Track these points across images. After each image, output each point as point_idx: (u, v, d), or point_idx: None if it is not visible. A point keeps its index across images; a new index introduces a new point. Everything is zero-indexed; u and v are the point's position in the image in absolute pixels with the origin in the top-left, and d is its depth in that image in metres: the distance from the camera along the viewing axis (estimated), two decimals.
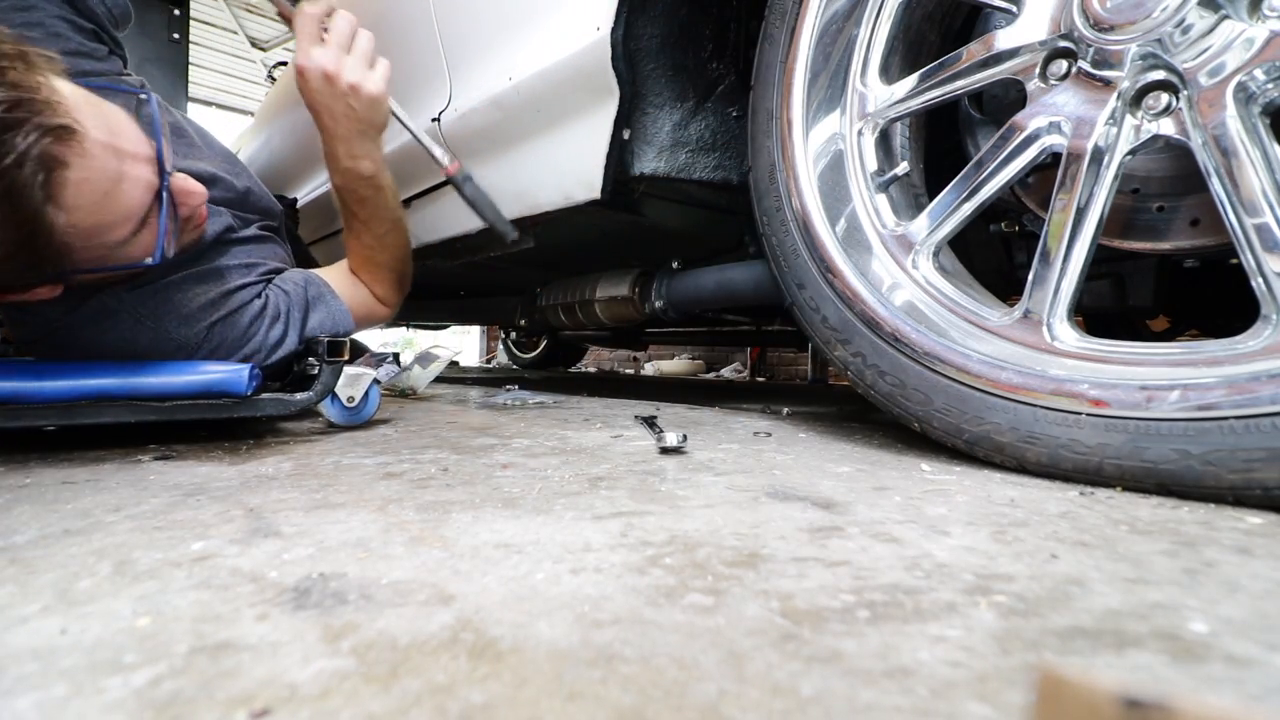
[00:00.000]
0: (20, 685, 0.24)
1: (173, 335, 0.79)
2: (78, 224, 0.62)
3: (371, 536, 0.42)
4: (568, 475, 0.61)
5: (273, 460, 0.68)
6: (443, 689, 0.24)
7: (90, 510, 0.47)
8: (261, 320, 0.86)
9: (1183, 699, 0.14)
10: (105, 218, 0.65)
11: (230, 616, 0.30)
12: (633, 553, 0.39)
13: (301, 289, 0.94)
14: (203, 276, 0.83)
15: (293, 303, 0.91)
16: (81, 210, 0.62)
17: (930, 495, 0.54)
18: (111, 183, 0.64)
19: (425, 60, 1.33)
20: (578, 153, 1.06)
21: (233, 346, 0.83)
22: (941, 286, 0.74)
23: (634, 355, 4.84)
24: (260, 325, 0.86)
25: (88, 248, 0.65)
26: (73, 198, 0.61)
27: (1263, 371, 0.50)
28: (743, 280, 1.11)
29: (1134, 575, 0.36)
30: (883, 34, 0.81)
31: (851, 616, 0.31)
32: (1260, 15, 0.55)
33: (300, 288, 0.94)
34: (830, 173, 0.83)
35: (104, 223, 0.65)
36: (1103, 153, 0.62)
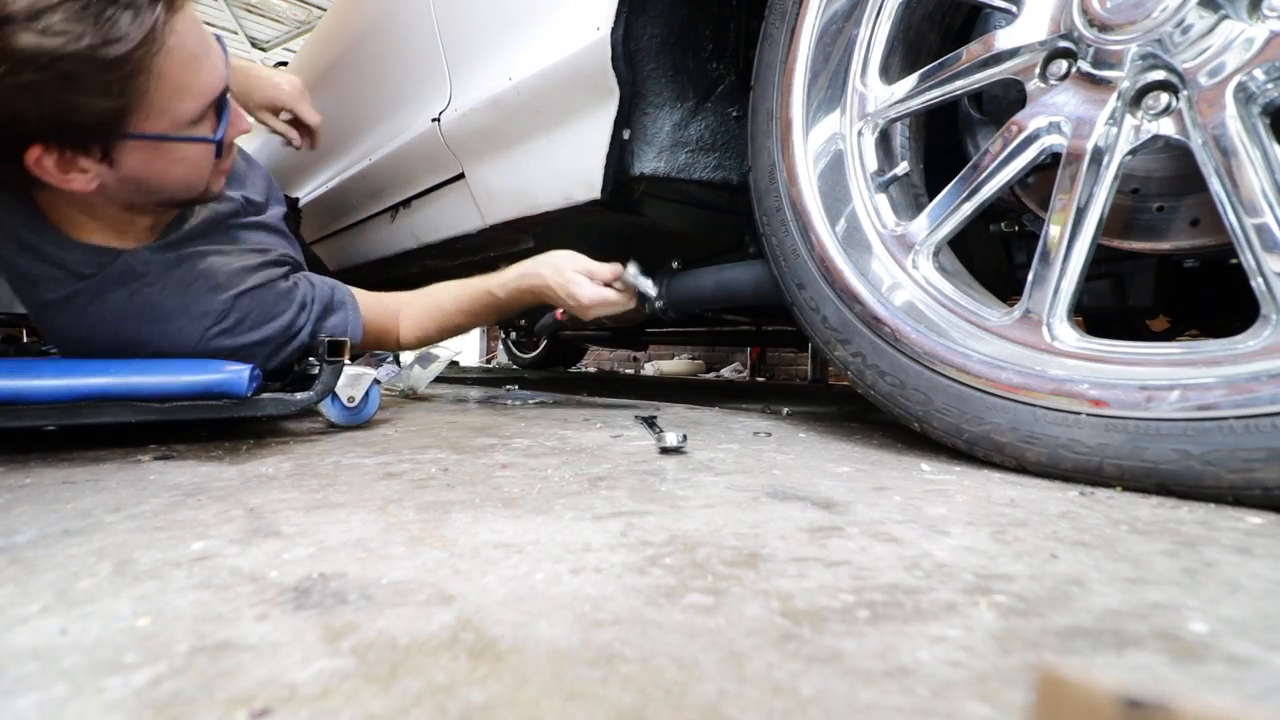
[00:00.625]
0: (20, 685, 0.24)
1: (200, 301, 0.80)
2: (167, 72, 0.66)
3: (371, 536, 0.42)
4: (568, 475, 0.61)
5: (273, 460, 0.68)
6: (443, 689, 0.24)
7: (90, 510, 0.47)
8: (289, 302, 0.86)
9: (1183, 699, 0.14)
10: (189, 79, 0.69)
11: (230, 616, 0.30)
12: (633, 553, 0.39)
13: (329, 289, 0.95)
14: (230, 251, 0.84)
15: (317, 297, 0.92)
16: (175, 60, 0.66)
17: (930, 495, 0.54)
18: (202, 50, 0.70)
19: (425, 60, 1.33)
20: (578, 153, 1.06)
21: (257, 321, 0.83)
22: (941, 286, 0.74)
23: (634, 355, 4.84)
24: (288, 306, 0.86)
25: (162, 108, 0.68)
26: (175, 42, 0.66)
27: (1263, 371, 0.50)
28: (743, 280, 1.11)
29: (1134, 575, 0.36)
30: (883, 34, 0.81)
31: (851, 616, 0.31)
32: (1260, 15, 0.55)
33: (328, 287, 0.95)
34: (830, 173, 0.83)
35: (186, 84, 0.69)
36: (1103, 153, 0.62)
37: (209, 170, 0.78)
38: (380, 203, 1.69)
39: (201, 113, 0.72)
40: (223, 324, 0.81)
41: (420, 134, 1.37)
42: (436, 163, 1.40)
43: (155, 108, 0.67)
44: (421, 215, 1.58)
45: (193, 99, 0.70)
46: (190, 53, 0.68)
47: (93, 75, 0.61)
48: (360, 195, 1.72)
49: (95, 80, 0.61)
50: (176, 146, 0.72)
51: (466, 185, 1.37)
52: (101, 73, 0.61)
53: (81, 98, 0.62)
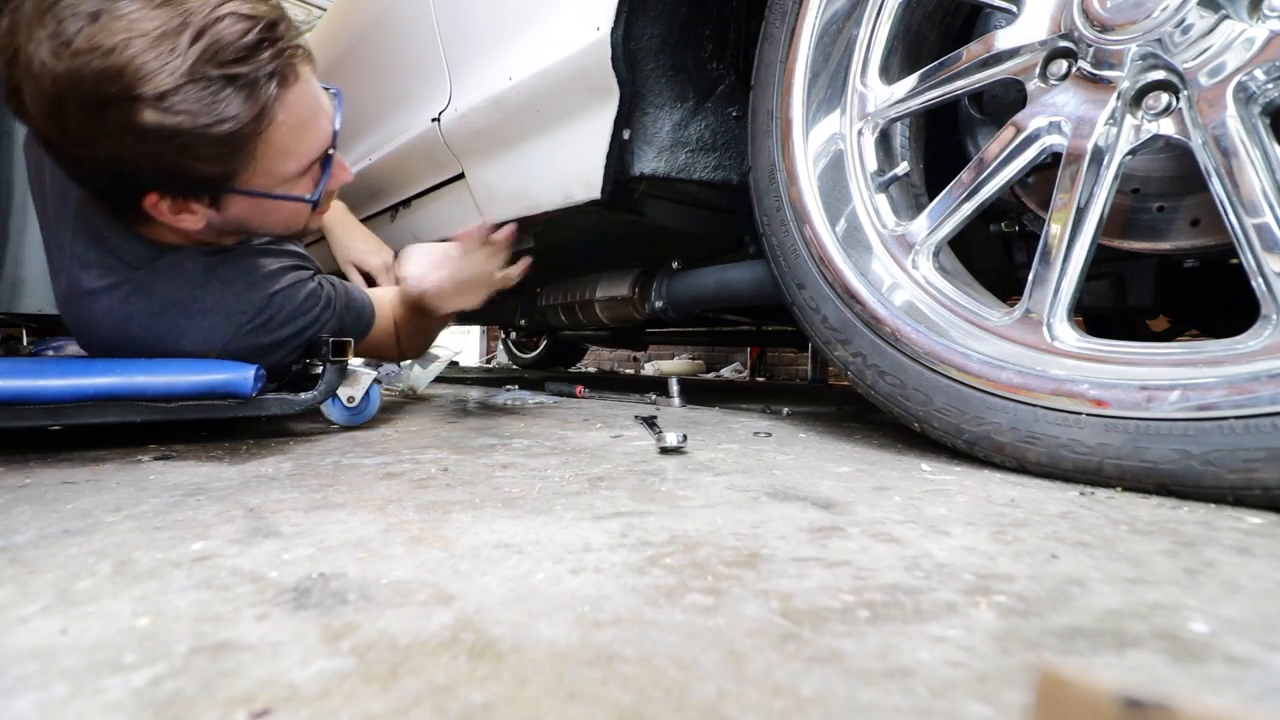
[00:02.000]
0: (20, 685, 0.24)
1: (241, 296, 0.83)
2: (275, 140, 0.72)
3: (371, 536, 0.42)
4: (568, 475, 0.61)
5: (273, 460, 0.68)
6: (443, 689, 0.24)
7: (90, 510, 0.47)
8: (316, 299, 0.90)
9: (1183, 699, 0.14)
10: (294, 145, 0.75)
11: (230, 616, 0.30)
12: (633, 553, 0.39)
13: (347, 290, 0.98)
14: (266, 252, 0.89)
15: (338, 296, 0.95)
16: (284, 128, 0.73)
17: (930, 495, 0.54)
18: (311, 116, 0.76)
19: (425, 60, 1.33)
20: (578, 152, 1.06)
21: (289, 317, 0.86)
22: (941, 286, 0.74)
23: (634, 355, 4.84)
24: (315, 303, 0.90)
25: (267, 169, 0.75)
26: (285, 114, 0.72)
27: (1263, 371, 0.50)
28: (743, 280, 1.11)
29: (1134, 575, 0.36)
30: (883, 34, 0.81)
31: (851, 616, 0.31)
32: (1260, 15, 0.55)
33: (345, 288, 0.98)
34: (830, 173, 0.83)
35: (291, 149, 0.75)
36: (1103, 153, 0.62)
37: (307, 217, 0.86)
38: (380, 202, 1.69)
39: (304, 171, 0.79)
40: (257, 320, 0.84)
41: (420, 134, 1.37)
42: (436, 162, 1.40)
43: (260, 169, 0.74)
44: (422, 215, 1.58)
45: (295, 161, 0.77)
46: (299, 121, 0.74)
47: (206, 147, 0.67)
48: (360, 195, 1.72)
49: (208, 150, 0.68)
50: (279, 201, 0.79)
51: (466, 185, 1.37)
52: (214, 145, 0.68)
53: (195, 163, 0.69)
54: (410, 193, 1.57)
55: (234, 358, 0.82)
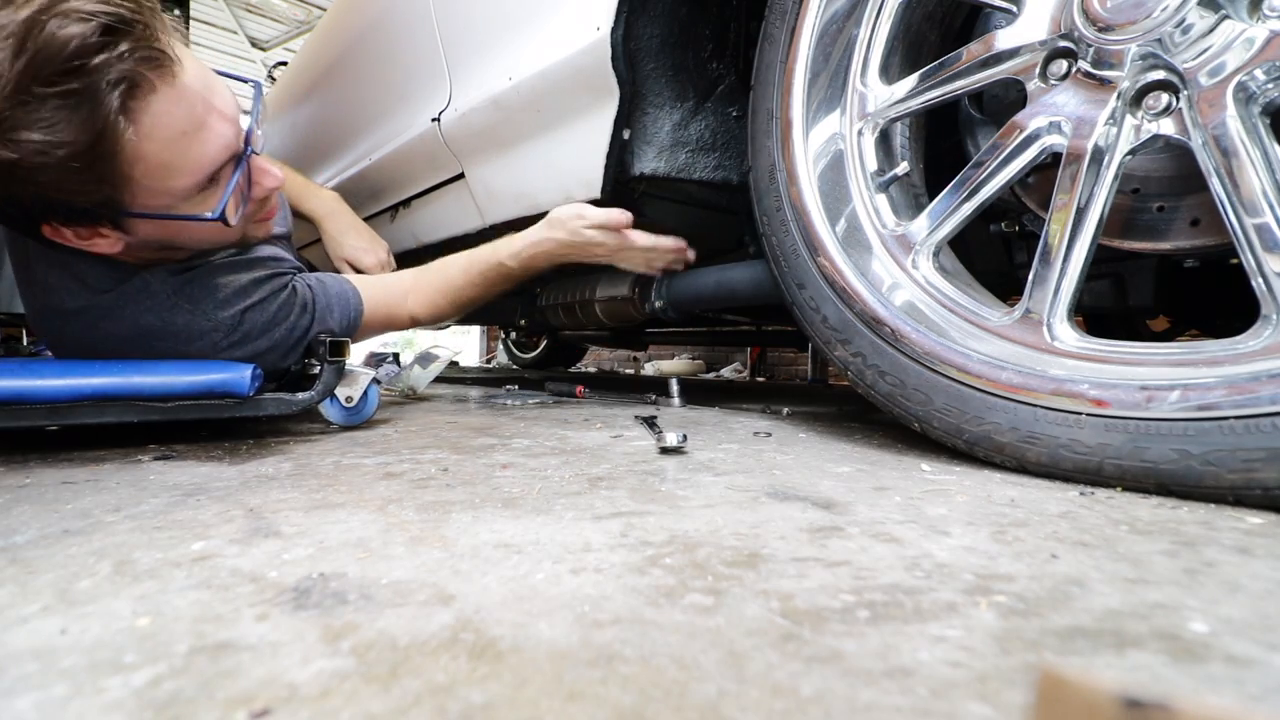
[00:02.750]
0: (20, 685, 0.24)
1: (210, 316, 0.81)
2: (148, 155, 0.65)
3: (371, 536, 0.42)
4: (568, 475, 0.61)
5: (273, 460, 0.68)
6: (443, 689, 0.24)
7: (90, 510, 0.47)
8: (290, 307, 0.88)
9: (1183, 699, 0.14)
10: (176, 159, 0.67)
11: (230, 616, 0.30)
12: (633, 553, 0.39)
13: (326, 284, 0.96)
14: (236, 266, 0.85)
15: (316, 295, 0.93)
16: (155, 141, 0.65)
17: (930, 495, 0.54)
18: (192, 126, 0.67)
19: (425, 60, 1.33)
20: (578, 152, 1.06)
21: (262, 330, 0.84)
22: (941, 286, 0.74)
23: (634, 355, 4.84)
24: (290, 311, 0.87)
25: (152, 187, 0.67)
26: (149, 125, 0.64)
27: (1263, 371, 0.50)
28: (743, 280, 1.11)
29: (1134, 575, 0.36)
30: (883, 34, 0.81)
31: (851, 616, 0.31)
32: (1260, 15, 0.55)
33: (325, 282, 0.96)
34: (830, 173, 0.83)
35: (174, 164, 0.68)
36: (1103, 153, 0.62)
37: (233, 231, 0.79)
38: (380, 203, 1.69)
39: (204, 183, 0.71)
40: (232, 337, 0.83)
41: (420, 134, 1.37)
42: (436, 163, 1.40)
43: (145, 188, 0.67)
44: (421, 215, 1.58)
45: (186, 175, 0.69)
46: (173, 131, 0.66)
47: (57, 176, 0.61)
48: (360, 195, 1.72)
49: (62, 179, 0.61)
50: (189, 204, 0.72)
51: (466, 185, 1.37)
52: (63, 173, 0.61)
53: (64, 192, 0.63)
54: (410, 193, 1.57)
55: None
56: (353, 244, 1.34)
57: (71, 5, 0.57)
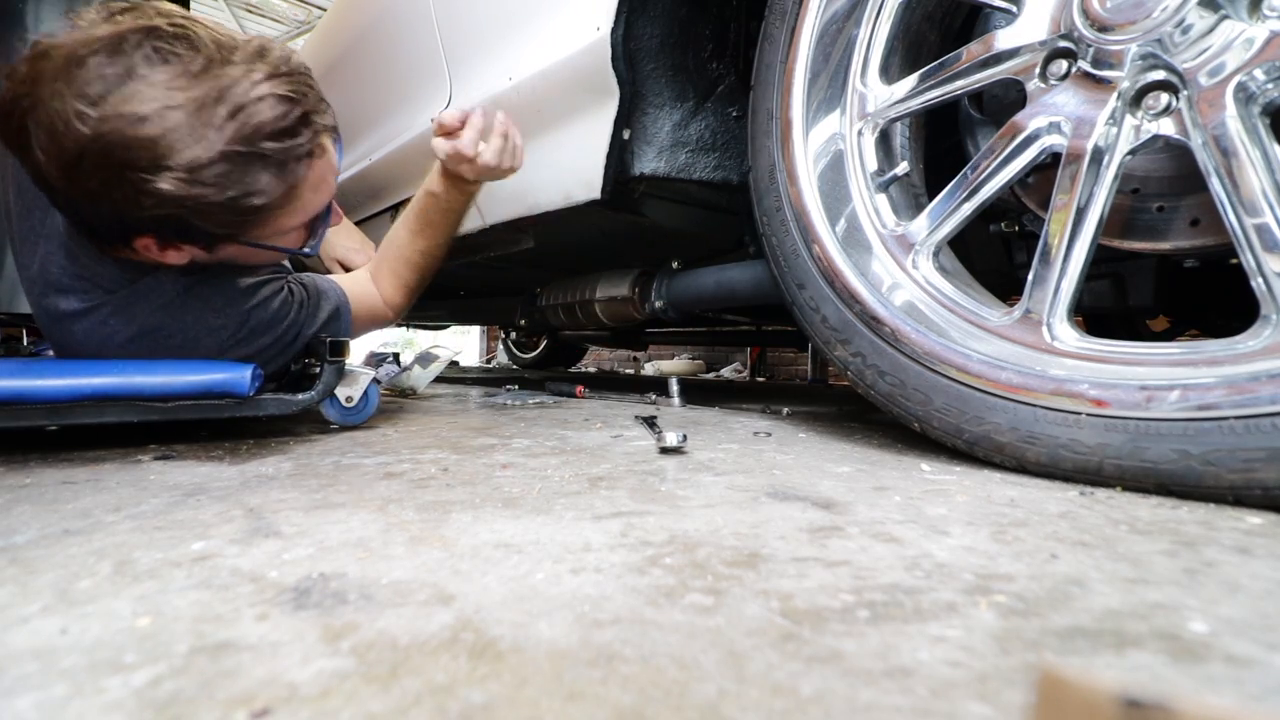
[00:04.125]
0: (20, 685, 0.24)
1: (219, 314, 0.84)
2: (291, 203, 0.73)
3: (371, 536, 0.42)
4: (568, 475, 0.61)
5: (273, 460, 0.68)
6: (443, 689, 0.24)
7: (90, 510, 0.47)
8: (289, 304, 0.91)
9: (1183, 699, 0.14)
10: (305, 204, 0.76)
11: (230, 616, 0.30)
12: (633, 553, 0.39)
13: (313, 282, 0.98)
14: (241, 270, 0.89)
15: (309, 293, 0.95)
16: (304, 192, 0.74)
17: (930, 495, 0.54)
18: (322, 182, 0.77)
19: (425, 60, 1.33)
20: (578, 152, 1.06)
21: (265, 327, 0.87)
22: (941, 286, 0.74)
23: (634, 355, 4.84)
24: (289, 308, 0.91)
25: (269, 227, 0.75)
26: (308, 181, 0.74)
27: (1263, 371, 0.50)
28: (743, 280, 1.11)
29: (1134, 575, 0.36)
30: (883, 34, 0.81)
31: (851, 616, 0.31)
32: (1260, 15, 0.55)
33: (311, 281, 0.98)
34: (830, 173, 0.83)
35: (305, 214, 0.77)
36: (1103, 153, 0.62)
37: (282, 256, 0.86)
38: (380, 202, 1.69)
39: (305, 222, 0.79)
40: (238, 334, 0.85)
41: (420, 134, 1.37)
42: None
43: (266, 227, 0.75)
44: None
45: (299, 218, 0.77)
46: (313, 188, 0.75)
47: (224, 215, 0.68)
48: (360, 195, 1.72)
49: (225, 218, 0.69)
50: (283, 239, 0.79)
51: None
52: (233, 215, 0.69)
53: (207, 224, 0.69)
54: (410, 192, 1.56)
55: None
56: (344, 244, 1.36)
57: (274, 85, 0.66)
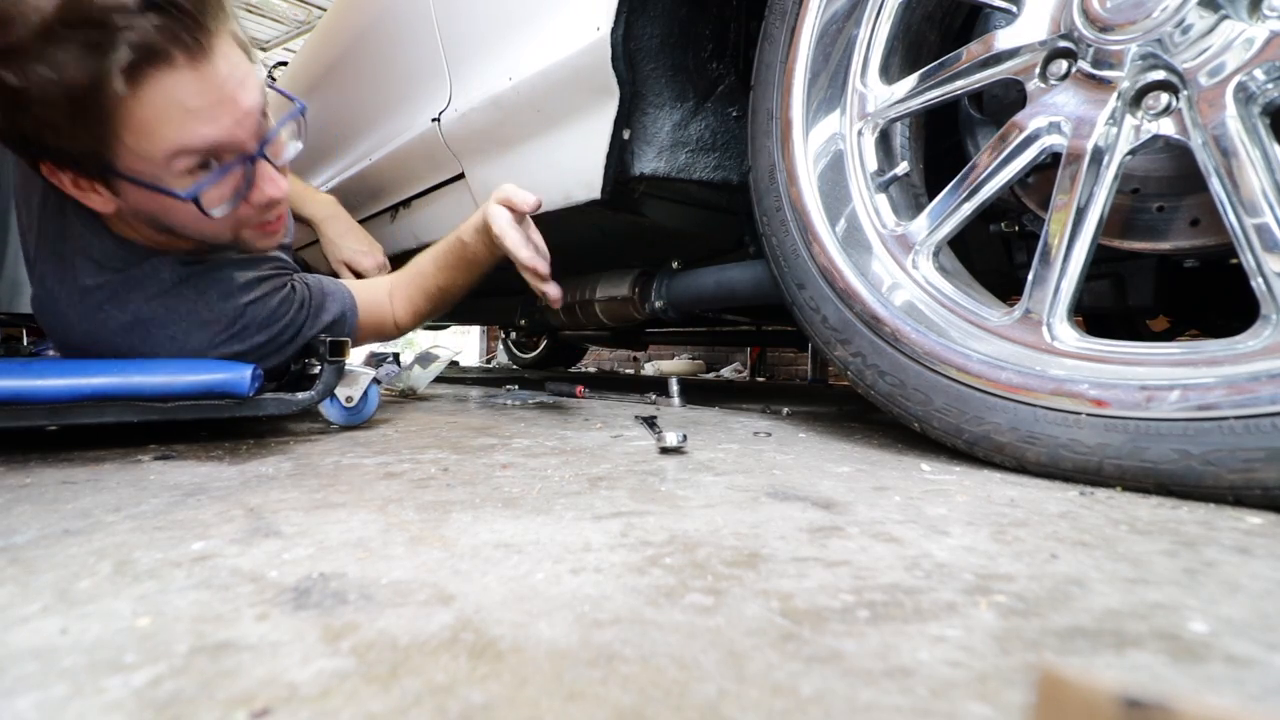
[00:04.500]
0: (20, 685, 0.24)
1: (213, 307, 0.83)
2: (141, 120, 0.67)
3: (371, 536, 0.42)
4: (568, 475, 0.61)
5: (273, 460, 0.68)
6: (443, 689, 0.24)
7: (90, 510, 0.47)
8: (290, 303, 0.90)
9: (1183, 699, 0.14)
10: (166, 129, 0.68)
11: (230, 616, 0.30)
12: (633, 553, 0.39)
13: (321, 284, 0.98)
14: (241, 263, 0.89)
15: (313, 294, 0.95)
16: (151, 109, 0.66)
17: (930, 495, 0.54)
18: (197, 108, 0.69)
19: (425, 60, 1.33)
20: (578, 153, 1.06)
21: (261, 325, 0.86)
22: (941, 286, 0.74)
23: (634, 355, 4.84)
24: (289, 307, 0.90)
25: (139, 152, 0.69)
26: (151, 93, 0.66)
27: (1263, 371, 0.50)
28: (743, 280, 1.11)
29: (1134, 575, 0.36)
30: (882, 34, 0.81)
31: (851, 616, 0.31)
32: (1260, 15, 0.55)
33: (320, 283, 0.98)
34: (830, 173, 0.83)
35: (165, 136, 0.69)
36: (1103, 153, 0.62)
37: (222, 226, 0.79)
38: (380, 203, 1.69)
39: (188, 166, 0.72)
40: (231, 329, 0.84)
41: (420, 134, 1.37)
42: (436, 163, 1.40)
43: (132, 151, 0.69)
44: (422, 215, 1.58)
45: (170, 149, 0.69)
46: (178, 107, 0.67)
47: (54, 112, 0.63)
48: (360, 195, 1.72)
49: (59, 118, 0.64)
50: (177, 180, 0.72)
51: (467, 185, 1.37)
52: (59, 111, 0.63)
53: (57, 134, 0.65)
54: (410, 193, 1.57)
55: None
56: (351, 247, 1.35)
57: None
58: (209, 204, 0.75)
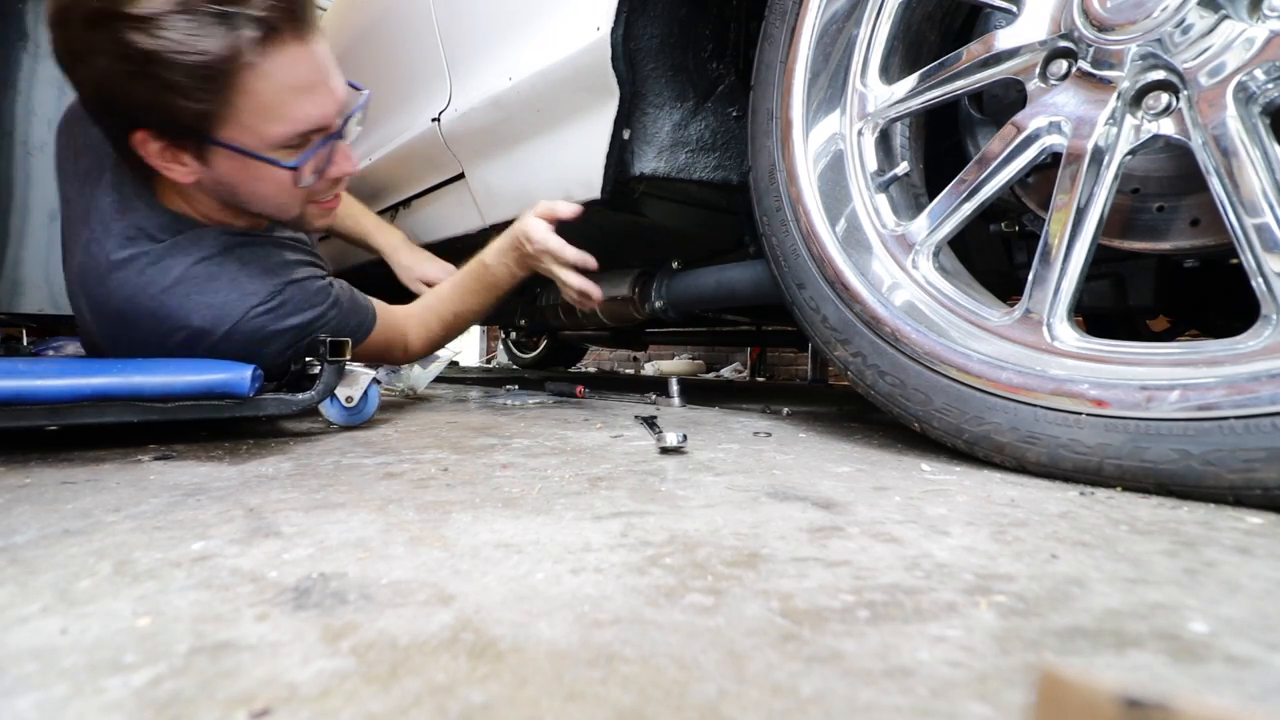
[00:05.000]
0: (20, 685, 0.24)
1: (255, 278, 0.85)
2: (258, 91, 0.73)
3: (371, 536, 0.42)
4: (568, 475, 0.61)
5: (273, 460, 0.68)
6: (443, 689, 0.24)
7: (90, 510, 0.47)
8: (327, 295, 0.92)
9: (1183, 699, 0.14)
10: (280, 107, 0.75)
11: (230, 616, 0.30)
12: (633, 553, 0.39)
13: (351, 292, 1.00)
14: (285, 245, 0.92)
15: (344, 297, 0.97)
16: (270, 82, 0.73)
17: (930, 495, 0.54)
18: (305, 86, 0.76)
19: (425, 60, 1.33)
20: (578, 152, 1.06)
21: (299, 307, 0.88)
22: (941, 286, 0.74)
23: (634, 355, 4.84)
24: (325, 298, 0.92)
25: (248, 125, 0.75)
26: (269, 68, 0.72)
27: (1263, 371, 0.50)
28: (743, 280, 1.11)
29: (1134, 575, 0.36)
30: (883, 34, 0.81)
31: (851, 616, 0.31)
32: (1260, 15, 0.55)
33: (351, 290, 1.00)
34: (830, 173, 0.83)
35: (276, 110, 0.75)
36: (1103, 153, 0.62)
37: (296, 198, 0.85)
38: (380, 203, 1.69)
39: (291, 141, 0.78)
40: (269, 304, 0.85)
41: (420, 134, 1.37)
42: (436, 163, 1.40)
43: (241, 122, 0.74)
44: (422, 215, 1.58)
45: (280, 124, 0.76)
46: (288, 82, 0.74)
47: (182, 77, 0.69)
48: (360, 195, 1.71)
49: (184, 81, 0.69)
50: (261, 164, 0.78)
51: (466, 185, 1.37)
52: (188, 76, 0.69)
53: (175, 96, 0.70)
54: (410, 193, 1.57)
55: (237, 343, 0.82)
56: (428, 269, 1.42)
57: None
58: (304, 174, 0.82)
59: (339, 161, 0.86)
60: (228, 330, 0.82)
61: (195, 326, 0.81)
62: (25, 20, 1.59)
